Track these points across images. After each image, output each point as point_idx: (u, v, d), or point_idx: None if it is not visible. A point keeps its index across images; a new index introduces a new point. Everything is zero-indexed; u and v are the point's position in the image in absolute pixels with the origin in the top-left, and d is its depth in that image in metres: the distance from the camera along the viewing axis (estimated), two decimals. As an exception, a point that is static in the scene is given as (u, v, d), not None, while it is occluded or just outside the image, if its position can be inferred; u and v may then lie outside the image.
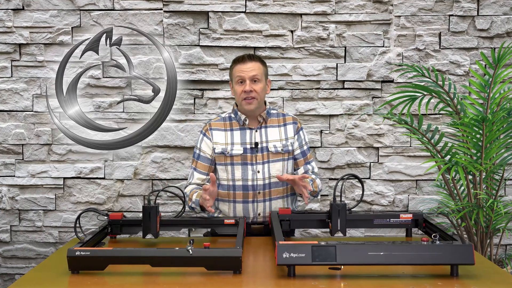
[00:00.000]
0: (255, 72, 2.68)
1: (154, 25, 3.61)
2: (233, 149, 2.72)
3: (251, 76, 2.67)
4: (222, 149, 2.73)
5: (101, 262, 1.95)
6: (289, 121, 2.82)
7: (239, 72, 2.69)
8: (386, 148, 3.68)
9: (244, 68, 2.69)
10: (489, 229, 2.95)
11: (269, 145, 2.74)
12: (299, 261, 1.89)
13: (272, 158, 2.73)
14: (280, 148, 2.74)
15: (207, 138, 2.78)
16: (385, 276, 1.94)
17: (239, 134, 2.75)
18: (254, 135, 2.74)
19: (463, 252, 1.91)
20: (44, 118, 3.64)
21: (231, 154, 2.72)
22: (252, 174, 2.71)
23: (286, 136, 2.78)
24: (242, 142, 2.74)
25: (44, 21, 3.59)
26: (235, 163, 2.72)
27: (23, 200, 3.67)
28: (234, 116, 2.79)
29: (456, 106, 3.02)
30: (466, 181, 2.92)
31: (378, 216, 2.52)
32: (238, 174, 2.71)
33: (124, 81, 3.63)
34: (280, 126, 2.80)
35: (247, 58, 2.71)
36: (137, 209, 3.67)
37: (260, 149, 2.73)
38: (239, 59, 2.73)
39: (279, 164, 2.74)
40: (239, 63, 2.71)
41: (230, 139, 2.75)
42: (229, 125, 2.78)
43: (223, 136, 2.76)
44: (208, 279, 1.91)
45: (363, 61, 3.64)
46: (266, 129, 2.77)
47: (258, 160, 2.72)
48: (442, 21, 3.62)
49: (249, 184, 2.71)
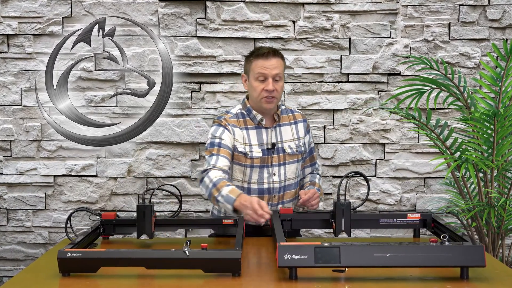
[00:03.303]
0: (278, 70, 2.62)
1: (149, 15, 3.60)
2: (252, 150, 2.67)
3: (274, 75, 2.61)
4: (243, 148, 2.67)
5: (93, 264, 1.95)
6: (299, 119, 2.81)
7: (261, 69, 2.61)
8: (393, 144, 3.68)
9: (267, 65, 2.61)
10: (501, 230, 2.95)
11: (284, 146, 2.72)
12: (301, 263, 1.89)
13: (288, 159, 2.72)
14: (294, 149, 2.73)
15: (228, 131, 2.66)
16: (392, 278, 1.94)
17: (255, 134, 2.70)
18: (270, 135, 2.71)
19: (474, 253, 1.91)
20: (33, 112, 3.64)
21: (252, 157, 2.67)
22: (268, 177, 2.70)
23: (298, 136, 2.77)
24: (259, 143, 2.69)
25: (33, 11, 3.58)
26: (254, 165, 2.68)
27: (11, 199, 3.67)
28: (247, 114, 2.73)
29: (466, 100, 3.02)
30: (476, 179, 2.92)
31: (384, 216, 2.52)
32: (254, 177, 2.69)
33: (118, 74, 3.63)
34: (292, 124, 2.78)
35: (271, 54, 2.62)
36: (131, 209, 3.67)
37: (276, 150, 2.71)
38: (262, 54, 2.63)
39: (294, 166, 2.74)
40: (262, 58, 2.62)
41: (247, 139, 2.68)
42: (243, 123, 2.71)
43: (241, 135, 2.68)
44: (206, 282, 1.91)
45: (369, 53, 3.63)
46: (280, 128, 2.74)
47: (274, 162, 2.70)
48: (451, 11, 3.62)
49: (265, 187, 2.69)
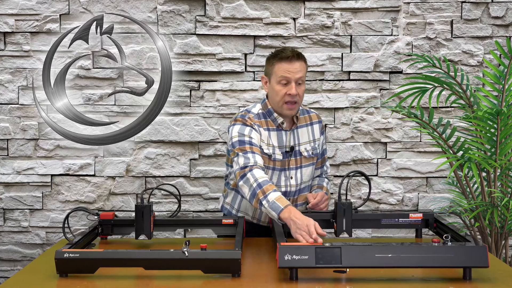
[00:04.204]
0: (302, 74, 2.58)
1: (148, 12, 3.60)
2: (275, 153, 2.65)
3: (297, 78, 2.57)
4: (268, 150, 2.63)
5: (91, 265, 1.95)
6: (314, 120, 2.80)
7: (284, 72, 2.57)
8: (395, 143, 3.68)
9: (291, 69, 2.57)
10: (504, 230, 2.95)
11: (301, 148, 2.71)
12: (302, 263, 1.89)
13: (304, 163, 2.72)
14: (310, 151, 2.73)
15: (255, 131, 2.61)
16: (394, 279, 1.94)
17: (275, 136, 2.68)
18: (289, 138, 2.70)
19: (477, 254, 1.91)
20: (30, 111, 3.63)
21: (274, 159, 2.65)
22: (285, 180, 2.69)
23: (314, 138, 2.77)
24: (279, 146, 2.67)
25: (30, 8, 3.58)
26: (276, 168, 2.67)
27: (8, 198, 3.67)
28: (267, 115, 2.69)
29: (469, 99, 3.02)
30: (479, 178, 2.92)
31: (386, 216, 2.52)
32: (274, 180, 2.67)
33: (116, 72, 3.62)
34: (308, 125, 2.77)
35: (295, 57, 2.58)
36: (130, 208, 3.67)
37: (293, 153, 2.70)
38: (286, 57, 2.58)
39: (309, 169, 2.74)
40: (285, 61, 2.57)
41: (270, 140, 2.66)
42: (265, 124, 2.67)
43: (266, 137, 2.65)
44: (205, 283, 1.91)
45: (370, 51, 3.63)
46: (297, 130, 2.73)
47: (291, 165, 2.69)
48: (454, 8, 3.61)
49: (282, 191, 2.67)
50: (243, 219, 2.53)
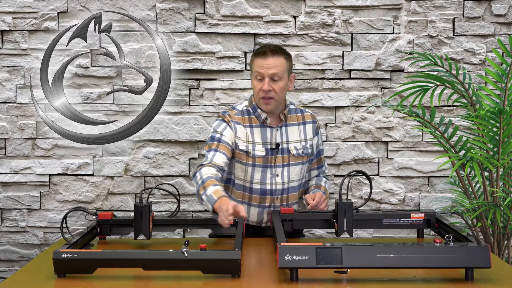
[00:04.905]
0: (276, 69, 2.59)
1: (147, 10, 3.60)
2: (255, 149, 2.67)
3: (270, 74, 2.59)
4: (245, 147, 2.67)
5: (89, 265, 1.95)
6: (308, 120, 2.80)
7: (258, 68, 2.61)
8: (396, 142, 3.67)
9: (264, 64, 2.59)
10: (507, 230, 2.95)
11: (289, 147, 2.71)
12: (302, 264, 1.89)
13: (293, 161, 2.72)
14: (300, 150, 2.72)
15: (230, 128, 2.67)
16: (395, 280, 1.94)
17: (259, 132, 2.70)
18: (275, 135, 2.71)
19: (479, 254, 1.90)
20: (28, 110, 3.63)
21: (254, 155, 2.67)
22: (271, 177, 2.69)
23: (306, 137, 2.76)
24: (263, 142, 2.69)
25: (28, 6, 3.58)
26: (256, 164, 2.68)
27: (6, 198, 3.67)
28: (252, 112, 2.72)
29: (471, 98, 3.01)
30: (482, 178, 2.92)
31: (387, 216, 2.52)
32: (257, 177, 2.68)
33: (114, 71, 3.62)
34: (300, 124, 2.77)
35: (269, 53, 2.60)
36: (128, 208, 3.67)
37: (280, 150, 2.71)
38: (260, 52, 2.63)
39: (298, 168, 2.74)
40: (260, 57, 2.61)
41: (250, 137, 2.68)
42: (248, 120, 2.71)
43: (244, 133, 2.68)
44: (204, 284, 1.91)
45: (371, 49, 3.63)
46: (287, 127, 2.73)
47: (277, 162, 2.69)
48: (456, 6, 3.61)
49: (267, 188, 2.69)
50: (242, 219, 2.53)
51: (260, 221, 2.74)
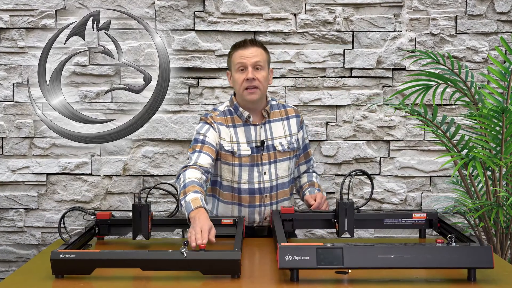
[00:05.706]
0: (258, 58, 2.62)
1: (145, 8, 3.60)
2: (240, 149, 2.66)
3: (253, 63, 2.61)
4: (230, 147, 2.67)
5: (87, 266, 1.95)
6: (291, 114, 2.79)
7: (240, 58, 2.63)
8: (398, 141, 3.67)
9: (245, 54, 2.62)
10: (510, 230, 2.95)
11: (275, 143, 2.71)
12: (302, 264, 1.89)
13: (279, 157, 2.71)
14: (286, 146, 2.72)
15: (213, 129, 2.66)
16: (397, 280, 1.94)
17: (243, 131, 2.69)
18: (259, 132, 2.71)
19: (481, 254, 1.90)
20: (25, 109, 3.63)
21: (239, 155, 2.66)
22: (258, 176, 2.69)
23: (290, 132, 2.76)
24: (248, 141, 2.68)
25: (25, 3, 3.57)
26: (243, 164, 2.67)
27: (3, 198, 3.67)
28: (234, 111, 2.72)
29: (474, 96, 3.01)
30: (484, 177, 2.91)
31: (388, 216, 2.52)
32: (244, 177, 2.68)
33: (113, 69, 3.62)
34: (283, 119, 2.76)
35: (248, 43, 2.65)
36: (127, 208, 3.67)
37: (266, 147, 2.71)
38: (240, 44, 2.66)
39: (285, 163, 2.73)
40: (240, 48, 2.64)
41: (235, 137, 2.68)
42: (230, 120, 2.70)
43: (228, 134, 2.68)
44: (204, 284, 1.91)
45: (373, 47, 3.63)
46: (270, 124, 2.73)
47: (264, 160, 2.69)
48: (458, 4, 3.61)
49: (256, 187, 2.69)
50: (242, 219, 2.53)
51: (252, 221, 2.73)
